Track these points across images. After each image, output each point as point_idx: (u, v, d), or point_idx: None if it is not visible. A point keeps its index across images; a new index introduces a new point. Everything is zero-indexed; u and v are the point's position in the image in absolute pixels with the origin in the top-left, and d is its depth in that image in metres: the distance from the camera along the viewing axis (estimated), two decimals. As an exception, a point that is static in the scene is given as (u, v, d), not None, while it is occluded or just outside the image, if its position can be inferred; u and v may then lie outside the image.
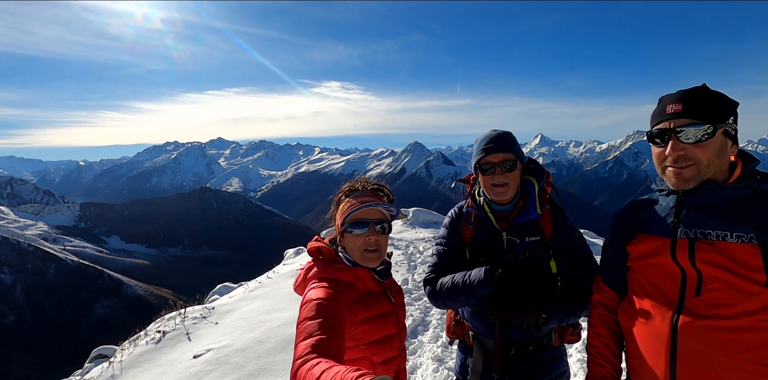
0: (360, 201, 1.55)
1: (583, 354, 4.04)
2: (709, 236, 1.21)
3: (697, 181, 1.23)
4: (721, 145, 1.22)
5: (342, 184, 1.68)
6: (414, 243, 9.78)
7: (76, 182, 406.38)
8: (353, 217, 1.54)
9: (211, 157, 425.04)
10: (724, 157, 1.23)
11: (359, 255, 1.55)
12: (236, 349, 4.60)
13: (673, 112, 1.22)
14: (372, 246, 1.54)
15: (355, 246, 1.55)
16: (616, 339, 1.51)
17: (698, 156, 1.21)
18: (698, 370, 1.19)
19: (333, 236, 1.70)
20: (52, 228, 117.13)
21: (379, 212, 1.57)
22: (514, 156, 1.77)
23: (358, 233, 1.53)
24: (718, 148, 1.21)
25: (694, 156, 1.21)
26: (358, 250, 1.54)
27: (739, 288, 1.16)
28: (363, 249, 1.54)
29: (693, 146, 1.20)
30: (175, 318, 6.01)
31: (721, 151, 1.22)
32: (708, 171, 1.22)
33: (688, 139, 1.20)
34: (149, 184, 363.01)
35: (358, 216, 1.54)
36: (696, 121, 1.19)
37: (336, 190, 1.69)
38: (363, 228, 1.53)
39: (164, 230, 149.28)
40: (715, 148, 1.21)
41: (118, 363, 4.89)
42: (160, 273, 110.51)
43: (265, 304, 6.17)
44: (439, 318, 5.36)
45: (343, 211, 1.57)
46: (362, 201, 1.56)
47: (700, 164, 1.22)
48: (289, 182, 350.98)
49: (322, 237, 1.70)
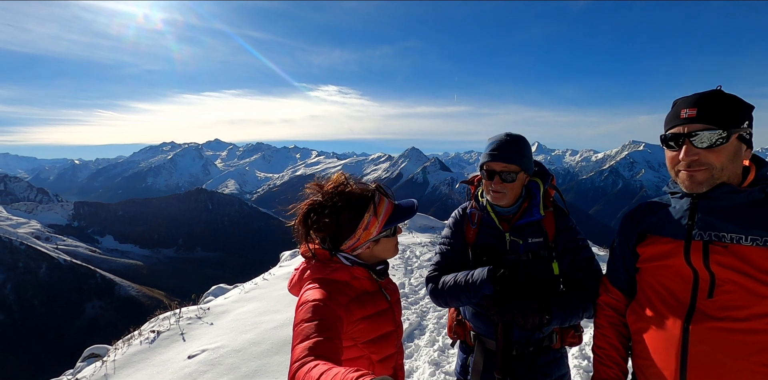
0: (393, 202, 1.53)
1: (579, 360, 4.04)
2: (723, 239, 1.21)
3: (710, 184, 1.23)
4: (736, 150, 1.21)
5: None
6: (411, 247, 9.78)
7: (71, 181, 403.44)
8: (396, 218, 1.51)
9: (207, 158, 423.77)
10: (738, 161, 1.23)
11: (393, 252, 1.55)
12: (231, 350, 4.57)
13: (687, 117, 1.22)
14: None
15: (392, 246, 1.55)
16: (623, 341, 1.50)
17: (712, 161, 1.21)
18: (708, 372, 1.19)
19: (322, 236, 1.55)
20: (45, 227, 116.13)
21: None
22: (517, 167, 1.76)
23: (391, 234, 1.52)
24: (732, 152, 1.21)
25: (708, 161, 1.21)
26: (392, 249, 1.55)
27: (752, 290, 1.17)
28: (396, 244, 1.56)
29: (707, 151, 1.20)
30: (170, 318, 5.96)
31: (735, 156, 1.22)
32: (721, 175, 1.22)
33: (702, 144, 1.20)
34: (144, 184, 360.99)
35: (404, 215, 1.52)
36: (710, 127, 1.18)
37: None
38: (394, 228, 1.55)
39: (158, 231, 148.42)
40: (729, 152, 1.20)
41: (111, 362, 4.84)
42: (153, 275, 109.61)
43: (260, 306, 6.14)
44: (435, 322, 5.35)
45: (387, 212, 1.49)
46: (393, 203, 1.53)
47: (714, 169, 1.21)
48: (286, 185, 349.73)
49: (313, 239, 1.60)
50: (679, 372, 1.23)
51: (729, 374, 1.17)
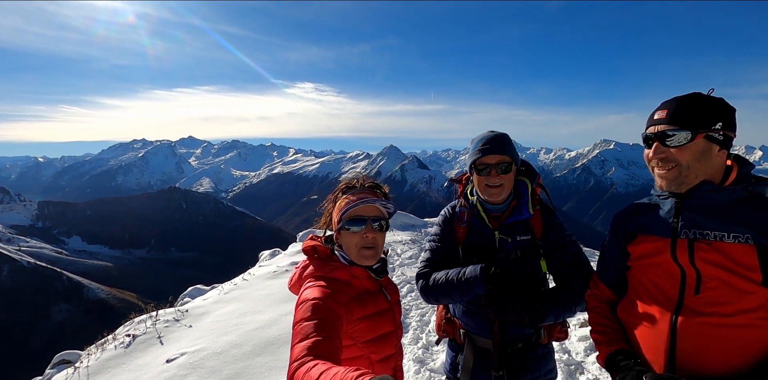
0: (358, 198, 1.53)
1: (560, 354, 4.15)
2: (708, 236, 1.26)
3: (678, 183, 1.31)
4: (703, 150, 1.28)
5: (316, 186, 1.67)
6: (392, 245, 9.80)
7: (34, 179, 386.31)
8: (351, 214, 1.51)
9: (181, 156, 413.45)
10: (705, 160, 1.29)
11: (356, 253, 1.51)
12: (212, 353, 4.47)
13: (659, 118, 1.32)
14: (369, 243, 1.51)
15: (352, 244, 1.51)
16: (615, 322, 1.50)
17: (678, 159, 1.29)
18: (696, 365, 1.23)
19: (326, 234, 1.67)
20: (7, 228, 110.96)
21: (377, 209, 1.55)
22: (510, 158, 1.80)
23: (355, 230, 1.50)
24: (698, 152, 1.27)
25: (674, 158, 1.29)
26: (355, 248, 1.51)
27: (737, 286, 1.21)
28: (360, 246, 1.51)
29: (674, 149, 1.28)
30: (146, 321, 5.79)
31: (702, 155, 1.28)
32: (688, 173, 1.29)
33: (670, 143, 1.29)
34: (114, 182, 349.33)
35: (356, 213, 1.51)
36: (675, 127, 1.28)
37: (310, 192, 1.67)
38: (360, 226, 1.50)
39: (129, 231, 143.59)
40: (694, 151, 1.27)
41: (84, 368, 4.66)
42: (124, 276, 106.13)
43: (241, 306, 6.04)
44: (418, 319, 5.38)
45: (340, 208, 1.54)
46: (360, 198, 1.53)
47: (681, 167, 1.29)
48: (263, 183, 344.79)
49: (318, 236, 1.66)
50: (667, 365, 1.27)
51: (716, 368, 1.21)
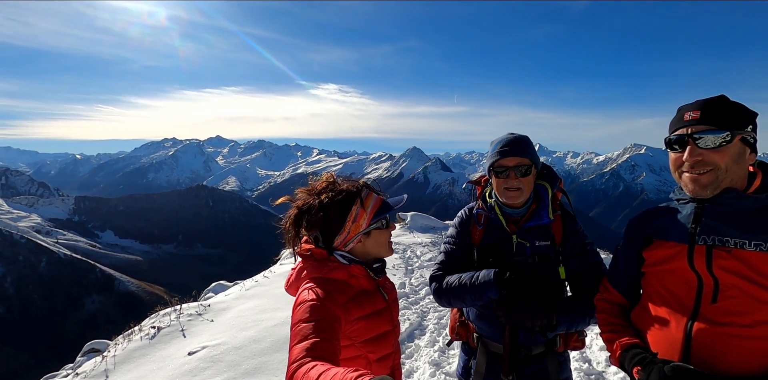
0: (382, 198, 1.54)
1: (580, 363, 4.04)
2: (727, 244, 1.20)
3: (714, 187, 1.23)
4: (740, 152, 1.22)
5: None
6: (411, 247, 9.77)
7: (72, 175, 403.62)
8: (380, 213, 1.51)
9: (209, 154, 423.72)
10: (742, 163, 1.23)
11: (386, 248, 1.56)
12: (231, 347, 4.57)
13: (691, 119, 1.23)
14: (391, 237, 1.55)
15: (385, 241, 1.54)
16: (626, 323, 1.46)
17: (716, 161, 1.21)
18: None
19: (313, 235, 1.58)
20: (46, 221, 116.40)
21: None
22: (530, 161, 1.76)
23: (385, 226, 1.53)
24: (736, 154, 1.21)
25: (712, 161, 1.21)
26: (386, 244, 1.55)
27: (756, 296, 1.16)
28: (389, 240, 1.56)
29: (710, 151, 1.20)
30: (170, 314, 5.97)
31: (740, 158, 1.22)
32: (725, 177, 1.22)
33: (707, 145, 1.20)
34: (145, 179, 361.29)
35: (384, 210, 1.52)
36: (714, 128, 1.20)
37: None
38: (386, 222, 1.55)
39: (159, 226, 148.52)
40: (733, 153, 1.20)
41: (111, 357, 4.86)
42: (153, 270, 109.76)
43: (261, 303, 6.15)
44: (436, 322, 5.35)
45: (375, 205, 1.51)
46: (382, 197, 1.54)
47: (718, 170, 1.21)
48: (287, 183, 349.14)
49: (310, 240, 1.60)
50: None
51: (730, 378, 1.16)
